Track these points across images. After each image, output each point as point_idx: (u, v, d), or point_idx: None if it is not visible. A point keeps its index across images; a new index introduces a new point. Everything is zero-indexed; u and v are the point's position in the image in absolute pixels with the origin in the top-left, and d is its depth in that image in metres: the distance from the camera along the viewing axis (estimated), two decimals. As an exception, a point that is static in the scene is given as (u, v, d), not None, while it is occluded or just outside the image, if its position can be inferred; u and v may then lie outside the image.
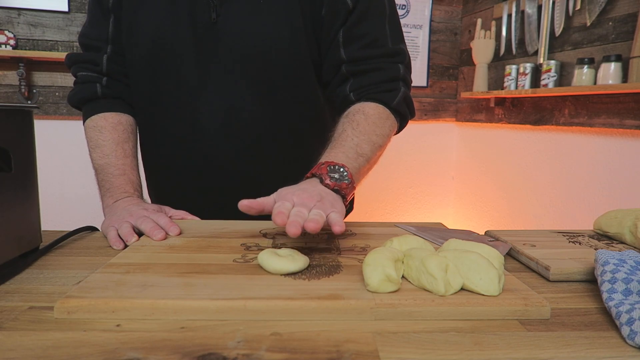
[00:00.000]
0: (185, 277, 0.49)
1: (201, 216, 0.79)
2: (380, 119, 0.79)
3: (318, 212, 0.56)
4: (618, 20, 1.70)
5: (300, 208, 0.56)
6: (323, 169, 0.65)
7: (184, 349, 0.37)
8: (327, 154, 0.72)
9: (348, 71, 0.82)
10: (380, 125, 0.78)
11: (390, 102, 0.81)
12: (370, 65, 0.81)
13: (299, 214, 0.55)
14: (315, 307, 0.43)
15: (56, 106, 2.36)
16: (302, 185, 0.64)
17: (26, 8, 2.28)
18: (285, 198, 0.59)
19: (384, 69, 0.82)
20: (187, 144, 0.85)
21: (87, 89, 0.86)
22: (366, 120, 0.77)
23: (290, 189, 0.62)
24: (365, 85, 0.81)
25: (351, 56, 0.81)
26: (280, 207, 0.56)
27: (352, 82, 0.82)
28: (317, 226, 0.52)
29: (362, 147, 0.73)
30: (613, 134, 1.76)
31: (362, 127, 0.76)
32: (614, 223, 0.69)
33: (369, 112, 0.78)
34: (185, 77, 0.81)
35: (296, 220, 0.53)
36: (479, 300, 0.44)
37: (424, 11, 2.71)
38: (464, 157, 2.82)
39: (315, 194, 0.60)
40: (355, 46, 0.81)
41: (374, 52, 0.81)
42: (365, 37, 0.81)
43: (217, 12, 0.79)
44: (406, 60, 0.85)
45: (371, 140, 0.75)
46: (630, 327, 0.40)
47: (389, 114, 0.81)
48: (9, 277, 0.52)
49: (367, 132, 0.75)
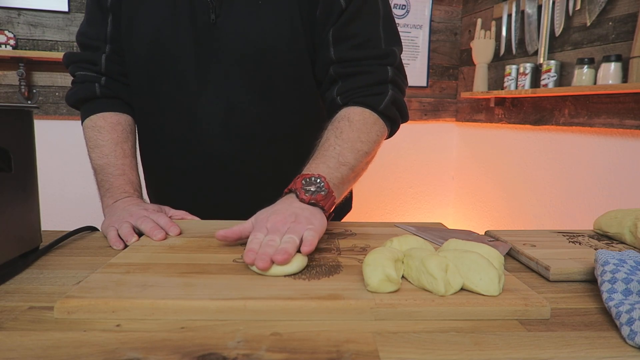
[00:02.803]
0: (185, 277, 0.49)
1: (201, 216, 0.79)
2: (366, 125, 0.77)
3: (290, 238, 0.54)
4: (618, 20, 1.70)
5: (271, 236, 0.55)
6: (298, 184, 0.64)
7: (184, 349, 0.37)
8: (307, 166, 0.70)
9: (336, 73, 0.81)
10: (366, 132, 0.76)
11: (377, 106, 0.79)
12: (357, 68, 0.80)
13: (269, 243, 0.53)
14: (315, 307, 0.43)
15: (56, 106, 2.36)
16: (277, 206, 0.62)
17: (26, 8, 2.28)
18: (259, 226, 0.58)
19: (372, 72, 0.80)
20: (186, 144, 0.85)
21: (85, 89, 0.86)
22: (350, 127, 0.75)
23: (265, 212, 0.61)
24: (352, 89, 0.80)
25: (340, 56, 0.80)
26: (251, 243, 0.55)
27: (340, 86, 0.81)
28: (285, 257, 0.50)
29: (345, 156, 0.72)
30: (613, 134, 1.76)
31: (346, 134, 0.74)
32: (614, 223, 0.69)
33: (354, 118, 0.77)
34: (185, 77, 0.81)
35: (265, 252, 0.51)
36: (479, 300, 0.44)
37: (424, 11, 2.71)
38: (464, 157, 2.82)
39: (288, 215, 0.59)
40: (344, 46, 0.80)
41: (363, 53, 0.80)
42: (356, 37, 0.79)
43: (216, 12, 0.79)
44: (396, 62, 0.82)
45: (355, 148, 0.73)
46: (630, 327, 0.40)
47: (376, 119, 0.79)
48: (9, 277, 0.52)
49: (351, 139, 0.74)
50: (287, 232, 0.56)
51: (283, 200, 0.64)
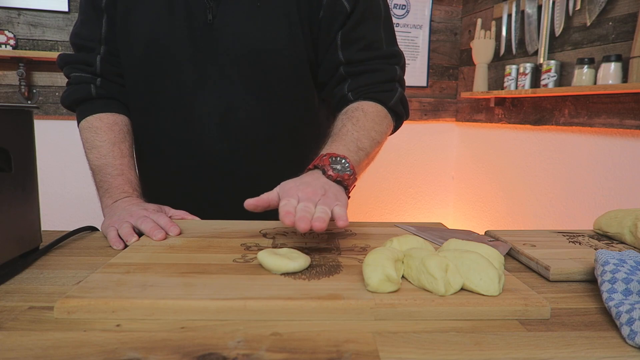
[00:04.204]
0: (185, 277, 0.49)
1: (199, 216, 0.79)
2: (379, 117, 0.81)
3: (323, 209, 0.56)
4: (618, 20, 1.70)
5: (306, 203, 0.57)
6: (325, 161, 0.66)
7: (184, 349, 0.37)
8: (328, 147, 0.72)
9: (346, 72, 0.83)
10: (379, 123, 0.80)
11: (387, 102, 0.83)
12: (368, 67, 0.83)
13: (306, 209, 0.55)
14: (315, 307, 0.43)
15: (56, 106, 2.36)
16: (305, 178, 0.64)
17: (26, 8, 2.28)
18: (289, 194, 0.59)
19: (382, 70, 0.84)
20: (183, 144, 0.85)
21: (81, 90, 0.86)
22: (365, 117, 0.79)
23: (293, 183, 0.62)
24: (363, 85, 0.83)
25: (349, 58, 0.83)
26: (287, 206, 0.56)
27: (350, 82, 0.83)
28: (323, 225, 0.53)
29: (362, 142, 0.74)
30: (613, 134, 1.76)
31: (362, 123, 0.77)
32: (614, 223, 0.69)
33: (368, 110, 0.80)
34: (182, 77, 0.81)
35: (304, 215, 0.54)
36: (479, 300, 0.44)
37: (424, 11, 2.71)
38: (464, 157, 2.82)
39: (319, 188, 0.60)
40: (353, 49, 0.82)
41: (371, 54, 0.83)
42: (362, 40, 0.83)
43: (213, 13, 0.79)
44: (402, 62, 0.87)
45: (370, 136, 0.77)
46: (630, 327, 0.40)
47: (386, 113, 0.83)
48: (9, 277, 0.52)
49: (367, 128, 0.77)
50: (319, 203, 0.57)
51: (309, 174, 0.65)
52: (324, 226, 0.53)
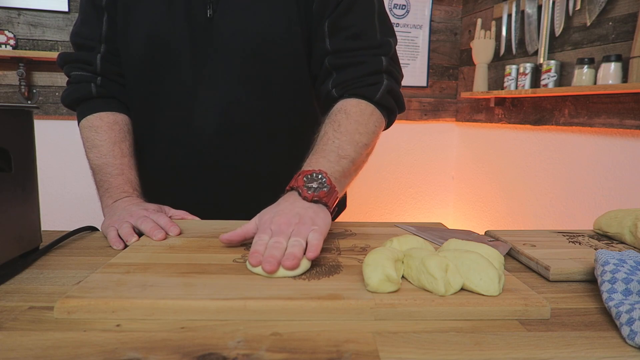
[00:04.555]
0: (185, 277, 0.49)
1: (199, 216, 0.79)
2: (364, 116, 0.77)
3: (296, 241, 0.53)
4: (618, 20, 1.70)
5: (277, 238, 0.54)
6: (300, 181, 0.63)
7: (184, 349, 0.37)
8: (307, 162, 0.70)
9: (330, 64, 0.81)
10: (364, 123, 0.76)
11: (372, 97, 0.79)
12: (352, 59, 0.80)
13: (275, 246, 0.53)
14: (315, 307, 0.43)
15: (56, 106, 2.36)
16: (281, 205, 0.61)
17: (26, 8, 2.28)
18: (263, 228, 0.57)
19: (366, 62, 0.80)
20: (183, 141, 0.84)
21: (81, 89, 0.86)
22: (348, 119, 0.75)
23: (269, 213, 0.60)
24: (347, 80, 0.79)
25: (335, 47, 0.80)
26: (256, 244, 0.54)
27: (335, 78, 0.81)
28: (294, 262, 0.50)
29: (345, 149, 0.71)
30: (613, 134, 1.76)
31: (344, 127, 0.74)
32: (614, 223, 0.69)
33: (351, 110, 0.77)
34: (181, 73, 0.81)
35: (271, 255, 0.51)
36: (479, 300, 0.44)
37: (424, 11, 2.71)
38: (464, 157, 2.82)
39: (293, 215, 0.58)
40: (340, 37, 0.80)
41: (358, 43, 0.80)
42: (351, 29, 0.80)
43: (213, 8, 0.79)
44: (391, 52, 0.82)
45: (354, 140, 0.73)
46: (630, 327, 0.40)
47: (373, 109, 0.79)
48: (9, 277, 0.52)
49: (349, 131, 0.74)
50: (293, 234, 0.55)
51: (286, 199, 0.63)
52: (296, 263, 0.50)
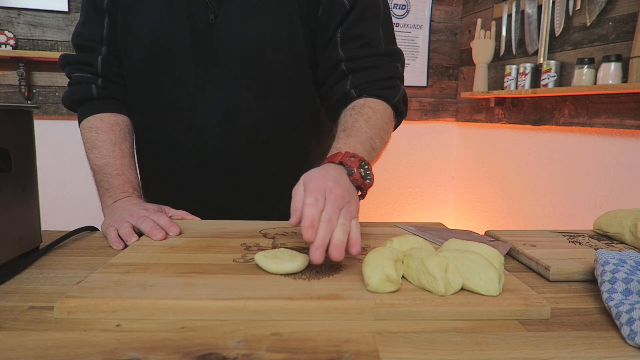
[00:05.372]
0: (185, 277, 0.49)
1: (199, 216, 0.79)
2: (386, 115, 0.79)
3: (344, 225, 0.50)
4: (618, 20, 1.70)
5: (330, 213, 0.50)
6: (354, 162, 0.61)
7: (184, 349, 0.37)
8: (344, 141, 0.68)
9: (348, 68, 0.82)
10: (387, 122, 0.78)
11: (391, 99, 0.81)
12: (369, 63, 0.82)
13: (328, 224, 0.49)
14: (315, 307, 0.43)
15: (56, 106, 2.36)
16: (332, 173, 0.57)
17: (26, 8, 2.28)
18: (316, 188, 0.53)
19: (383, 67, 0.82)
20: (185, 144, 0.85)
21: (82, 90, 0.86)
22: (375, 114, 0.76)
23: (321, 177, 0.55)
24: (366, 82, 0.81)
25: (349, 55, 0.81)
26: (309, 208, 0.50)
27: (352, 79, 0.82)
28: (340, 255, 0.48)
29: (375, 142, 0.72)
30: (613, 134, 1.76)
31: (374, 121, 0.74)
32: (614, 223, 0.69)
33: (376, 108, 0.78)
34: (183, 77, 0.81)
35: (322, 239, 0.48)
36: (479, 300, 0.44)
37: (424, 11, 2.71)
38: (464, 157, 2.82)
39: (345, 189, 0.55)
40: (352, 46, 0.81)
41: (371, 51, 0.82)
42: (361, 38, 0.82)
43: (215, 13, 0.79)
44: (402, 60, 0.86)
45: (381, 136, 0.74)
46: (630, 327, 0.40)
47: (391, 112, 0.81)
48: (9, 277, 0.52)
49: (378, 127, 0.74)
50: (341, 214, 0.52)
51: (335, 169, 0.58)
52: (341, 255, 0.48)
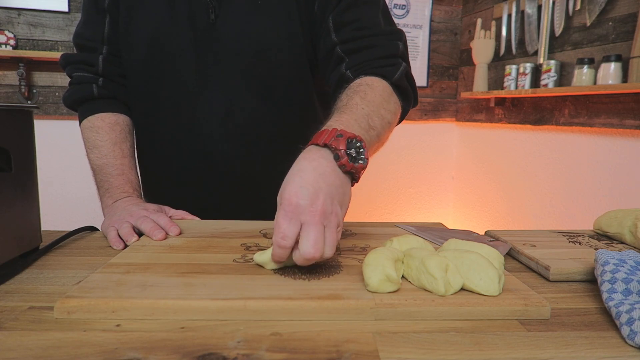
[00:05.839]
0: (185, 277, 0.49)
1: (199, 216, 0.79)
2: (386, 92, 0.71)
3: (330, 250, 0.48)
4: (618, 20, 1.70)
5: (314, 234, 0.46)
6: (341, 143, 0.51)
7: (184, 349, 0.37)
8: (335, 119, 0.59)
9: (343, 50, 0.77)
10: (387, 100, 0.70)
11: (390, 77, 0.73)
12: (365, 43, 0.76)
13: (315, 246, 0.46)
14: (315, 307, 0.43)
15: (56, 106, 2.36)
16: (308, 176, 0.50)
17: (26, 8, 2.28)
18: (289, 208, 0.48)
19: (381, 46, 0.76)
20: (185, 144, 0.85)
21: (83, 90, 0.86)
22: (373, 91, 0.68)
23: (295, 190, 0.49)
24: (363, 62, 0.75)
25: (343, 38, 0.77)
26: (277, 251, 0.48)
27: (348, 61, 0.76)
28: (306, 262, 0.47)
29: (373, 120, 0.63)
30: (613, 134, 1.76)
31: (370, 97, 0.66)
32: (614, 223, 0.69)
33: (374, 85, 0.70)
34: (184, 77, 0.81)
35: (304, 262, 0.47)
36: (479, 300, 0.44)
37: (424, 11, 2.71)
38: (464, 157, 2.82)
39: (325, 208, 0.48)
40: (346, 29, 0.77)
41: (367, 32, 0.77)
42: (356, 22, 0.77)
43: (215, 12, 0.79)
44: (403, 39, 0.79)
45: (380, 114, 0.65)
46: (630, 327, 0.40)
47: (392, 91, 0.73)
48: (9, 277, 0.52)
49: (376, 103, 0.66)
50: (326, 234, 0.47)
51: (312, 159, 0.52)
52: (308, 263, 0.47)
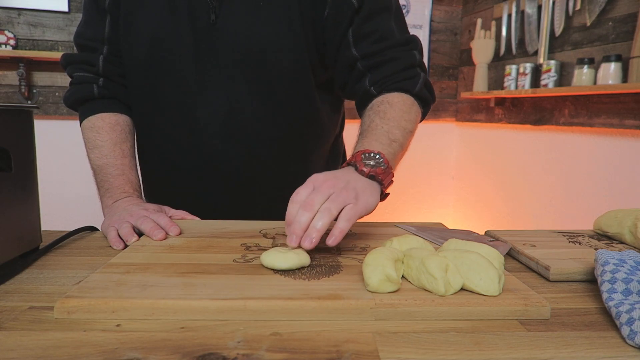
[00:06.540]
0: (185, 277, 0.49)
1: (199, 216, 0.79)
2: (406, 106, 0.79)
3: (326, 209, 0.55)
4: (618, 20, 1.70)
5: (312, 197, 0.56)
6: (357, 157, 0.65)
7: (184, 349, 0.37)
8: (359, 144, 0.72)
9: (364, 66, 0.82)
10: (407, 111, 0.79)
11: (412, 90, 0.81)
12: (385, 57, 0.81)
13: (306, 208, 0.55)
14: (315, 307, 0.43)
15: (56, 106, 2.36)
16: (335, 172, 0.63)
17: (26, 8, 2.28)
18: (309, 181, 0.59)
19: (400, 58, 0.82)
20: (186, 145, 0.85)
21: (83, 90, 0.86)
22: (392, 108, 0.77)
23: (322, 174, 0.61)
24: (384, 77, 0.81)
25: (364, 52, 0.81)
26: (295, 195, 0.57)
27: (370, 77, 0.82)
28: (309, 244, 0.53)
29: (394, 133, 0.73)
30: (613, 134, 1.76)
31: (390, 115, 0.76)
32: (614, 223, 0.69)
33: (393, 101, 0.79)
34: (184, 78, 0.81)
35: (299, 224, 0.54)
36: (479, 300, 0.44)
37: (424, 11, 2.71)
38: (464, 157, 2.82)
39: (342, 180, 0.59)
40: (365, 43, 0.81)
41: (385, 44, 0.82)
42: (374, 34, 0.81)
43: (216, 13, 0.79)
44: (419, 47, 0.85)
45: (401, 126, 0.75)
46: (630, 327, 0.40)
47: (412, 101, 0.81)
48: (9, 277, 0.52)
49: (395, 118, 0.76)
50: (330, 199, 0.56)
51: (342, 169, 0.64)
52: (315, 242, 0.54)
